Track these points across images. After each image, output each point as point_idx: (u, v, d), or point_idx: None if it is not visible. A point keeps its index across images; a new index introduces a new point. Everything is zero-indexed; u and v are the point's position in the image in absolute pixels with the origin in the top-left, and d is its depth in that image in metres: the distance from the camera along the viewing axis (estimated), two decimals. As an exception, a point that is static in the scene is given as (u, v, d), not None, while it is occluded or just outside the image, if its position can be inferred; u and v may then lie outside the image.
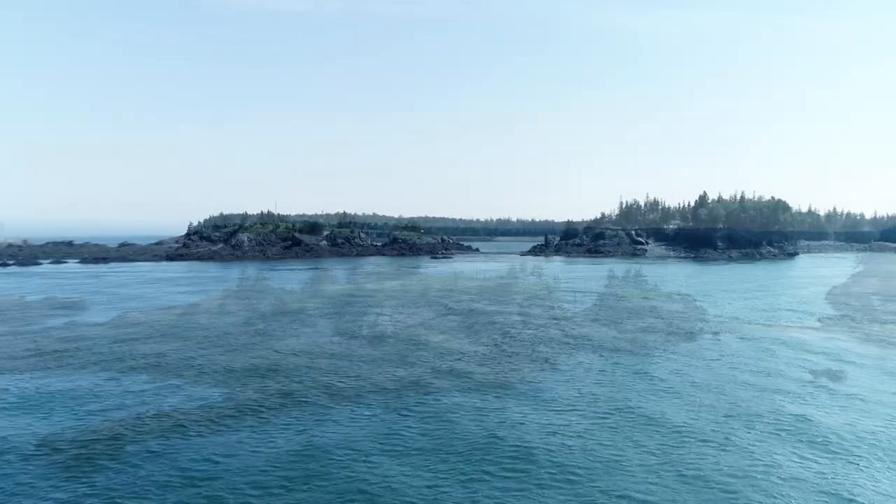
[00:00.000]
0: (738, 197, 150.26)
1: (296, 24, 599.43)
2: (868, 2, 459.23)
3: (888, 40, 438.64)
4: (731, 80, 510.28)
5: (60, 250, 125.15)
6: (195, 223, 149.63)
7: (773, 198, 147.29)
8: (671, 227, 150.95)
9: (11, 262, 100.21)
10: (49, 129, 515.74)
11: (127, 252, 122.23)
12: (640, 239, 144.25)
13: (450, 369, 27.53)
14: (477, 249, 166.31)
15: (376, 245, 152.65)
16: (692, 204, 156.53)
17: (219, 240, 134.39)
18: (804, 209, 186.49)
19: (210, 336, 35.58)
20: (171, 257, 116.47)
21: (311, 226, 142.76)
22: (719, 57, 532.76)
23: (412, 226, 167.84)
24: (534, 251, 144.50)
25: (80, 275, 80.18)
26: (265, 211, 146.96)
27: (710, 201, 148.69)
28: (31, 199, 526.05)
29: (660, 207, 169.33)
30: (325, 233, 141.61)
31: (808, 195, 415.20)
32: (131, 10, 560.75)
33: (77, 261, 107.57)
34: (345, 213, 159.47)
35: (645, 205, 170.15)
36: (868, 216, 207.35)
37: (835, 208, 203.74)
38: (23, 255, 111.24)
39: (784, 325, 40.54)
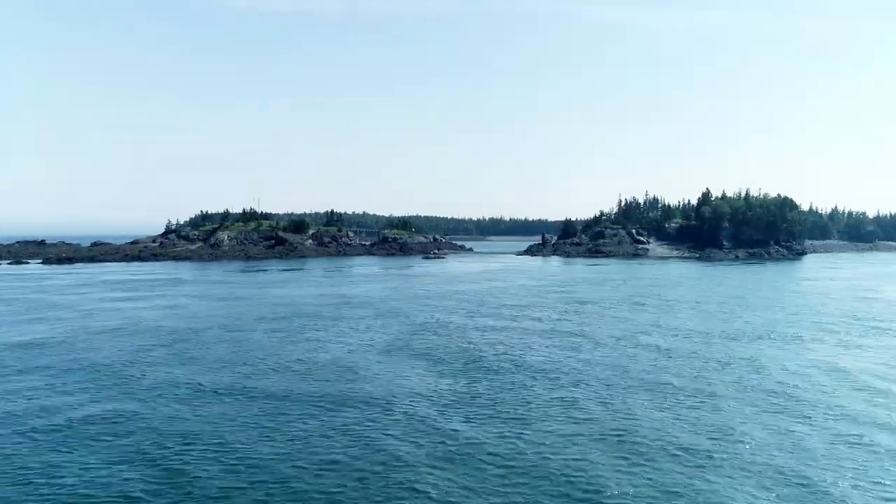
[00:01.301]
0: (743, 194, 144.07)
1: (288, 24, 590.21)
2: (868, 2, 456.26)
3: (885, 40, 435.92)
4: (726, 79, 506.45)
5: (27, 250, 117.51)
6: (174, 222, 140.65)
7: (778, 195, 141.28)
8: (673, 225, 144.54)
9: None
10: (41, 127, 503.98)
11: (97, 252, 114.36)
12: (642, 238, 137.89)
13: (448, 401, 20.65)
14: (470, 249, 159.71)
15: (365, 245, 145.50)
16: (693, 202, 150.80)
17: (197, 239, 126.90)
18: (805, 207, 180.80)
19: (119, 355, 28.48)
20: (143, 257, 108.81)
21: (296, 224, 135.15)
22: (715, 56, 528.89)
23: (403, 224, 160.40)
24: (531, 251, 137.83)
25: (24, 277, 72.82)
26: (248, 208, 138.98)
27: (713, 199, 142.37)
28: (23, 198, 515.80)
29: (659, 205, 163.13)
30: (311, 231, 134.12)
31: (808, 193, 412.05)
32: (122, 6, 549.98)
33: (40, 261, 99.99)
34: (332, 211, 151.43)
35: (644, 203, 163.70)
36: (870, 214, 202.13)
37: (836, 206, 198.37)
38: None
39: (835, 341, 33.87)
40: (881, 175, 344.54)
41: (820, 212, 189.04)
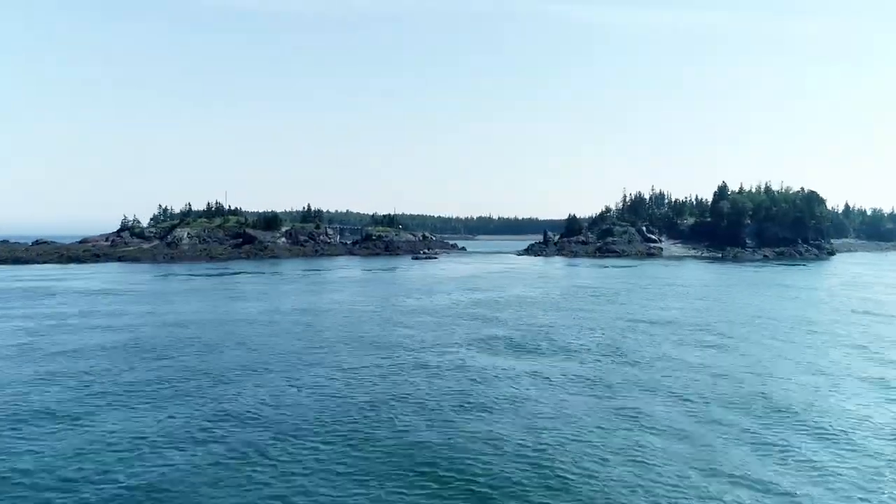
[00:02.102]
0: (763, 187, 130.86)
1: (271, 21, 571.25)
2: (868, 2, 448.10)
3: (885, 40, 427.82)
4: (726, 79, 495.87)
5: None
6: (131, 218, 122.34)
7: (802, 189, 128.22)
8: (686, 222, 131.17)
9: None
10: (40, 127, 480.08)
11: (33, 252, 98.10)
12: (653, 236, 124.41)
13: None
14: (463, 248, 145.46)
15: (346, 244, 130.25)
16: (701, 197, 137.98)
17: (154, 237, 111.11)
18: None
19: None
20: (82, 259, 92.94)
21: (268, 220, 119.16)
22: (715, 57, 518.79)
23: (389, 221, 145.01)
24: (532, 250, 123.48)
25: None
26: (213, 203, 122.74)
27: (730, 193, 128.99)
28: (22, 198, 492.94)
29: (666, 201, 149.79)
30: (285, 228, 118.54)
31: (816, 191, 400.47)
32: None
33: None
34: (309, 207, 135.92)
35: (650, 198, 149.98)
36: (885, 211, 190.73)
37: (847, 203, 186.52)
38: None
39: None
40: (882, 174, 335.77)
41: (834, 209, 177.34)
